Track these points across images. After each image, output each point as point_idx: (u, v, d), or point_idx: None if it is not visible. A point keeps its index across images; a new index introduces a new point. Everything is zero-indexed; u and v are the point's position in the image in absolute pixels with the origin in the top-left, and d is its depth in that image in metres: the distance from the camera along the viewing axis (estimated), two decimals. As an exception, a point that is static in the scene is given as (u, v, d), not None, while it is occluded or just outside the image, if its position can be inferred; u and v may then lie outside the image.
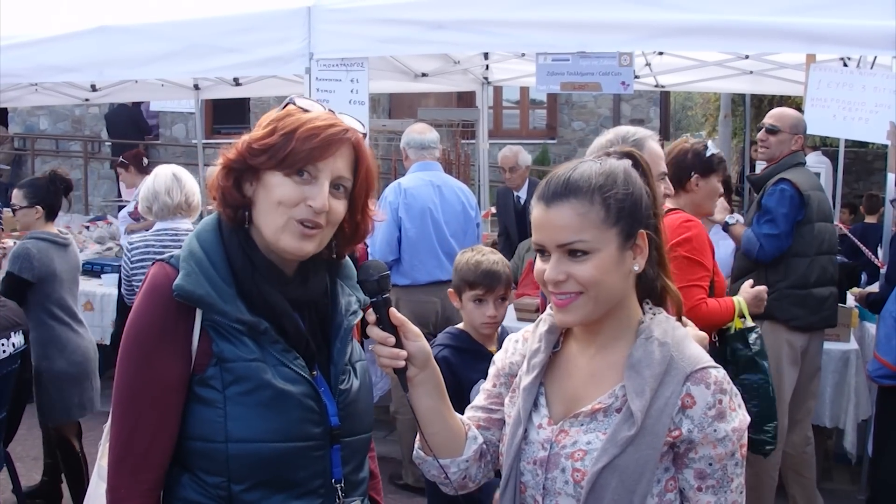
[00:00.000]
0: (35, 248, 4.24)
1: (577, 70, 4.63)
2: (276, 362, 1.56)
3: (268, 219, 1.58)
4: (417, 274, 4.87)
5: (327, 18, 4.56)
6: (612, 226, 1.52)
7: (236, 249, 1.60)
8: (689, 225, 3.19)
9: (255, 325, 1.55)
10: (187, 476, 1.58)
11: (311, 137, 1.56)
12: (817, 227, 4.22)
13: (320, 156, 1.57)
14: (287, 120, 1.58)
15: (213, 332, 1.55)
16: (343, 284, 1.75)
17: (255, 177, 1.59)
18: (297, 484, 1.57)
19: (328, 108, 1.65)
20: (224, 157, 1.61)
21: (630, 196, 1.54)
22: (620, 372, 1.54)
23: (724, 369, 1.54)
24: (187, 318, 1.56)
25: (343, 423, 1.63)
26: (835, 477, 4.67)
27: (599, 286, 1.52)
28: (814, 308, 4.22)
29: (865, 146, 11.64)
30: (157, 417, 1.55)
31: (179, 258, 1.59)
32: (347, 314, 1.70)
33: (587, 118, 13.37)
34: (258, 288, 1.58)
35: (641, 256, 1.56)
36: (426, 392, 1.63)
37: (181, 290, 1.53)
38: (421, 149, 5.06)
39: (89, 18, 5.03)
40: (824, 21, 3.76)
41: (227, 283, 1.57)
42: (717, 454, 1.48)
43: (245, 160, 1.58)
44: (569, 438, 1.55)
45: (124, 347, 1.58)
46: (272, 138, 1.56)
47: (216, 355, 1.55)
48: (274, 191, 1.57)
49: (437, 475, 1.69)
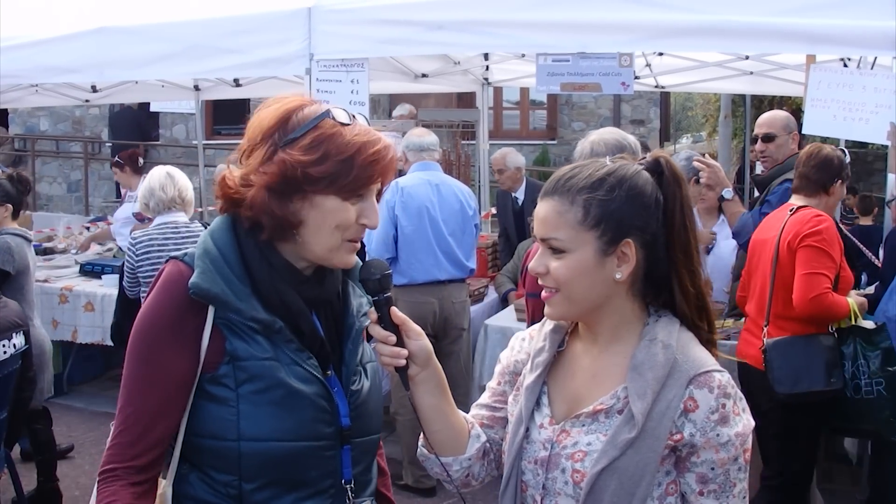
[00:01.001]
0: (13, 242, 4.48)
1: (577, 71, 4.63)
2: (290, 361, 1.57)
3: (320, 239, 1.58)
4: (415, 273, 4.86)
5: (327, 19, 4.56)
6: (590, 229, 1.51)
7: (253, 249, 1.59)
8: (821, 219, 3.55)
9: (269, 323, 1.56)
10: (197, 474, 1.59)
11: (372, 164, 1.56)
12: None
13: (378, 179, 1.59)
14: (337, 141, 1.55)
15: (226, 331, 1.56)
16: (354, 286, 1.75)
17: (304, 197, 1.56)
18: (307, 483, 1.58)
19: (356, 116, 1.63)
20: (263, 176, 1.55)
21: (614, 202, 1.52)
22: (623, 373, 1.54)
23: (727, 374, 1.53)
24: (199, 315, 1.56)
25: (354, 424, 1.64)
26: (835, 477, 4.66)
27: (571, 286, 1.53)
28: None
29: (866, 147, 11.64)
30: (157, 404, 1.55)
31: (194, 256, 1.59)
32: (359, 315, 1.71)
33: (587, 119, 13.37)
34: (275, 287, 1.58)
35: (627, 265, 1.53)
36: (428, 390, 1.63)
37: (197, 287, 1.54)
38: (420, 150, 5.07)
39: (89, 19, 5.04)
40: (824, 22, 3.76)
41: (241, 282, 1.57)
42: (720, 458, 1.47)
43: (300, 184, 1.54)
44: (570, 439, 1.55)
45: (133, 341, 1.59)
46: (329, 165, 1.54)
47: (229, 353, 1.55)
48: (332, 215, 1.57)
49: (440, 473, 1.70)
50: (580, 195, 1.53)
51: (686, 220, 1.56)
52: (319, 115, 1.58)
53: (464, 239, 5.06)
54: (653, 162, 1.59)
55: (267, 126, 1.59)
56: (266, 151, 1.57)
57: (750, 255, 3.88)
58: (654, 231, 1.54)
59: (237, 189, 1.58)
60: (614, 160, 1.59)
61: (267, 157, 1.56)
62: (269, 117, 1.60)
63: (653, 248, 1.55)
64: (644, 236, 1.54)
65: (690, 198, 1.61)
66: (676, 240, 1.55)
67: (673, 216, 1.55)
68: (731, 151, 12.63)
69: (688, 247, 1.56)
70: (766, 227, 3.87)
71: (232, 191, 1.59)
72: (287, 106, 1.60)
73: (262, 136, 1.59)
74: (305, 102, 1.62)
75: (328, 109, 1.60)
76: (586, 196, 1.52)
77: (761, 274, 3.75)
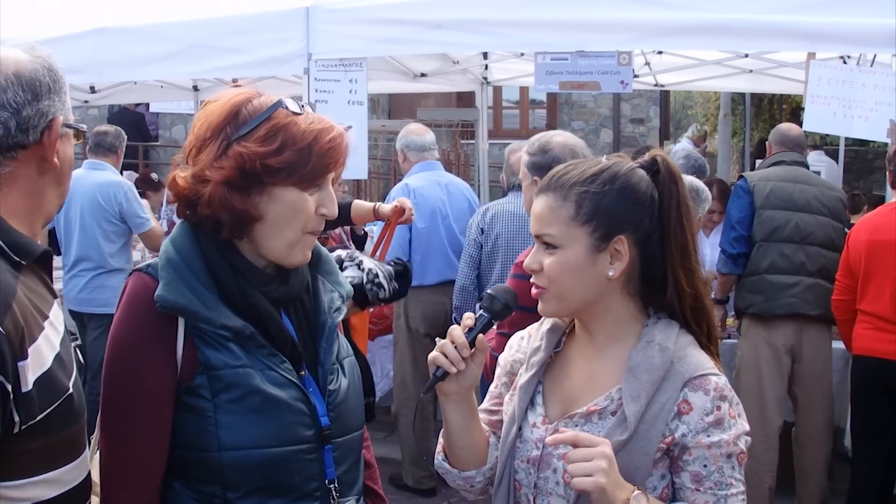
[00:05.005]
0: None
1: (575, 69, 4.62)
2: (264, 367, 1.54)
3: (280, 234, 1.55)
4: (427, 274, 4.82)
5: (326, 19, 4.56)
6: (582, 224, 1.51)
7: (215, 253, 1.56)
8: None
9: (241, 330, 1.53)
10: (180, 483, 1.56)
11: (329, 151, 1.54)
12: (767, 214, 4.25)
13: (335, 167, 1.57)
14: (292, 130, 1.53)
15: (197, 341, 1.53)
16: (324, 280, 1.72)
17: (263, 190, 1.53)
18: (292, 488, 1.56)
19: (305, 105, 1.61)
20: (219, 171, 1.52)
21: (606, 198, 1.51)
22: (619, 374, 1.53)
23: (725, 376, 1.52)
24: (170, 327, 1.53)
25: (333, 423, 1.62)
26: (835, 476, 4.65)
27: (562, 282, 1.52)
28: (770, 294, 4.20)
29: (866, 144, 11.62)
30: (150, 428, 1.53)
31: (157, 267, 1.55)
32: (331, 311, 1.68)
33: (587, 118, 13.36)
34: (240, 290, 1.55)
35: (620, 263, 1.52)
36: (460, 409, 1.63)
37: (163, 300, 1.50)
38: (422, 150, 5.05)
39: (88, 19, 5.03)
40: (824, 19, 3.75)
41: (208, 289, 1.54)
42: (712, 454, 1.46)
43: (259, 177, 1.52)
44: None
45: (108, 360, 1.55)
46: (287, 155, 1.51)
47: (202, 363, 1.52)
48: (291, 207, 1.54)
49: (463, 485, 1.70)
50: (573, 190, 1.53)
51: (683, 218, 1.55)
52: (272, 105, 1.56)
53: (472, 238, 5.06)
54: (649, 160, 1.58)
55: (216, 121, 1.56)
56: (218, 146, 1.54)
57: (866, 256, 3.87)
58: (647, 228, 1.53)
59: (191, 187, 1.54)
60: (610, 158, 1.59)
61: (220, 152, 1.53)
62: (216, 112, 1.57)
63: (647, 246, 1.54)
64: (637, 233, 1.53)
65: (689, 197, 1.59)
66: (672, 238, 1.54)
67: (668, 214, 1.54)
68: (731, 150, 12.62)
69: (684, 246, 1.55)
70: (879, 227, 3.89)
71: (186, 190, 1.55)
72: (234, 100, 1.58)
73: (212, 131, 1.56)
74: (253, 95, 1.59)
75: (280, 100, 1.58)
76: (579, 191, 1.52)
77: (892, 273, 3.78)
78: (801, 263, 4.21)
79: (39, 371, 1.35)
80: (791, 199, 4.28)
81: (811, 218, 4.25)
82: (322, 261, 1.73)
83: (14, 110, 1.42)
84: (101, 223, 5.29)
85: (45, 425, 1.36)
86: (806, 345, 4.24)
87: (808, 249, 4.23)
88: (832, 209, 4.32)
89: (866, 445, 3.96)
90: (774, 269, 4.22)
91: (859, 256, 3.90)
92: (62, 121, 1.50)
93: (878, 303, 3.83)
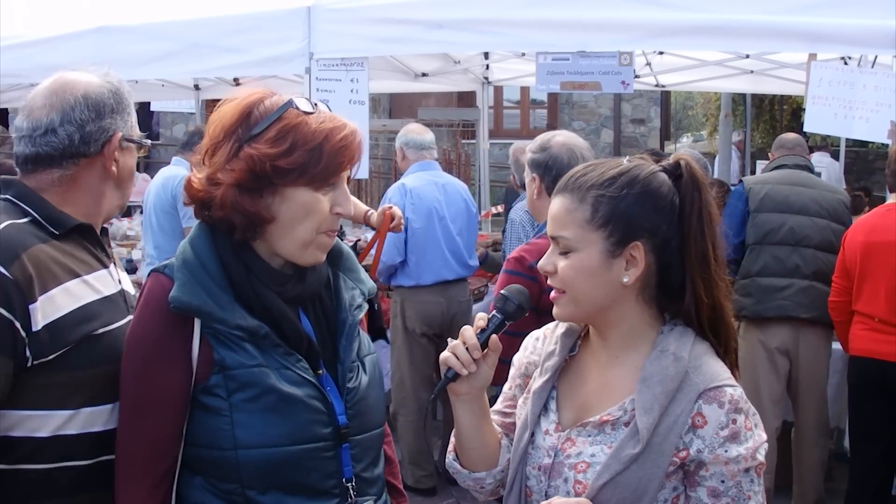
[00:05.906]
0: None
1: (577, 69, 4.62)
2: (279, 366, 1.55)
3: (294, 234, 1.56)
4: (423, 274, 4.83)
5: (327, 18, 4.55)
6: (597, 228, 1.48)
7: (229, 254, 1.57)
8: None
9: (255, 330, 1.53)
10: (200, 479, 1.58)
11: (341, 150, 1.54)
12: (761, 217, 4.25)
13: (348, 165, 1.57)
14: (303, 131, 1.53)
15: (213, 341, 1.54)
16: (345, 277, 1.71)
17: (275, 191, 1.54)
18: (310, 486, 1.57)
19: (317, 104, 1.61)
20: (230, 173, 1.53)
21: (624, 202, 1.47)
22: (634, 383, 1.49)
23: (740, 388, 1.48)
24: (185, 327, 1.54)
25: (352, 421, 1.62)
26: (835, 477, 4.66)
27: (576, 287, 1.49)
28: (760, 297, 4.21)
29: (866, 145, 11.63)
30: (163, 425, 1.55)
31: (174, 267, 1.56)
32: (352, 309, 1.68)
33: (588, 118, 13.36)
34: (254, 290, 1.56)
35: (635, 269, 1.48)
36: (472, 410, 1.60)
37: (177, 301, 1.51)
38: (421, 149, 5.05)
39: (89, 18, 5.03)
40: (825, 20, 3.75)
41: (223, 290, 1.54)
42: (730, 471, 1.43)
43: (269, 178, 1.52)
44: (574, 448, 1.52)
45: (125, 359, 1.57)
46: (297, 155, 1.52)
47: (218, 363, 1.53)
48: (304, 208, 1.54)
49: (473, 486, 1.68)
50: (590, 193, 1.49)
51: (704, 226, 1.50)
52: (282, 105, 1.56)
53: (469, 238, 5.06)
54: (673, 164, 1.54)
55: (229, 123, 1.56)
56: (230, 148, 1.54)
57: (862, 257, 3.86)
58: (666, 235, 1.49)
59: (204, 189, 1.55)
60: (632, 160, 1.55)
61: (232, 154, 1.54)
62: (229, 113, 1.57)
63: (664, 253, 1.49)
64: (655, 239, 1.49)
65: (713, 204, 1.53)
66: (692, 246, 1.49)
67: (689, 221, 1.49)
68: (731, 150, 12.62)
69: (705, 254, 1.49)
70: (875, 228, 3.89)
71: (200, 192, 1.56)
72: (247, 100, 1.58)
73: (225, 133, 1.56)
74: (265, 95, 1.59)
75: (290, 100, 1.58)
76: (595, 194, 1.49)
77: (887, 274, 3.77)
78: (795, 266, 4.20)
79: (53, 316, 1.55)
80: (786, 202, 4.28)
81: (808, 220, 4.25)
82: (343, 258, 1.73)
83: (79, 125, 1.70)
84: (159, 213, 5.30)
85: (59, 363, 1.56)
86: (802, 347, 4.25)
87: (804, 252, 4.23)
88: (832, 212, 4.31)
89: (864, 446, 3.96)
90: (766, 272, 4.23)
91: (855, 258, 3.89)
92: (123, 136, 1.74)
93: (875, 304, 3.83)
